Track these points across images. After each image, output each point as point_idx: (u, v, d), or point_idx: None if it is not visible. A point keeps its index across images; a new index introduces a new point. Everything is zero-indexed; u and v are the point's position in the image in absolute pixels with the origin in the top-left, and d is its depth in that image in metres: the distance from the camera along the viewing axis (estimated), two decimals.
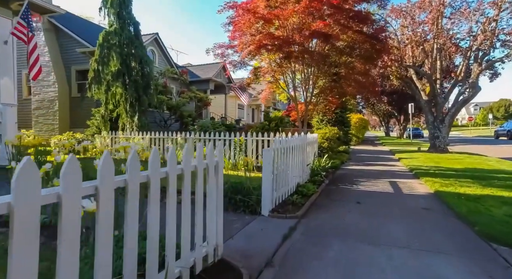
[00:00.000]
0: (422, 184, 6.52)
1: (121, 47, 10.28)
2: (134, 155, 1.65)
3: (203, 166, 2.33)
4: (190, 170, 2.16)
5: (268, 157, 4.00)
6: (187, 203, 2.12)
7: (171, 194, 1.96)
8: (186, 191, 2.12)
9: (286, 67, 8.01)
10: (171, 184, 1.95)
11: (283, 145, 4.67)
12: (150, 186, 1.80)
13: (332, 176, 7.37)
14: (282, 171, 4.61)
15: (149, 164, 1.79)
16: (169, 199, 1.95)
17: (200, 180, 2.29)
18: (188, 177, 2.13)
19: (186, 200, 2.11)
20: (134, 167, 1.63)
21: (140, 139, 9.23)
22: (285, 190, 4.77)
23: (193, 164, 2.23)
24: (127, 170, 1.60)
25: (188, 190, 2.13)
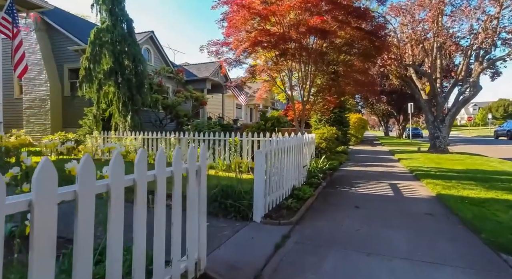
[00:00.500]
0: (423, 186, 6.28)
1: (114, 44, 10.01)
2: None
3: (181, 171, 2.07)
4: (165, 176, 1.90)
5: (260, 160, 3.74)
6: (161, 213, 1.86)
7: (139, 201, 1.69)
8: (159, 199, 1.86)
9: (283, 65, 7.75)
10: (139, 189, 1.69)
11: (277, 147, 4.42)
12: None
13: (330, 178, 7.12)
14: (276, 174, 4.35)
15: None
16: (137, 207, 1.68)
17: (178, 187, 2.03)
18: (162, 184, 1.87)
19: (159, 209, 1.86)
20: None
21: (132, 139, 8.96)
22: (279, 194, 4.52)
23: (169, 169, 1.96)
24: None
25: (162, 198, 1.87)
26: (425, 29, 13.11)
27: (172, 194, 2.00)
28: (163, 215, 1.87)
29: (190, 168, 2.16)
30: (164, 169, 1.89)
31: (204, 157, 2.37)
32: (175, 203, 2.01)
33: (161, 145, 8.81)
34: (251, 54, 7.91)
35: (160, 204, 1.85)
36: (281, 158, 4.60)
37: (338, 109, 14.90)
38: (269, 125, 8.04)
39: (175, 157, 2.02)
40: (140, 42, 15.09)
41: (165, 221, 1.91)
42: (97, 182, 1.42)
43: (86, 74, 9.50)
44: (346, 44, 7.42)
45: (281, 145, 4.62)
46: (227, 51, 8.24)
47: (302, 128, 8.39)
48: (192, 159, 2.19)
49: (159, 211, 1.84)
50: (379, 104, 32.21)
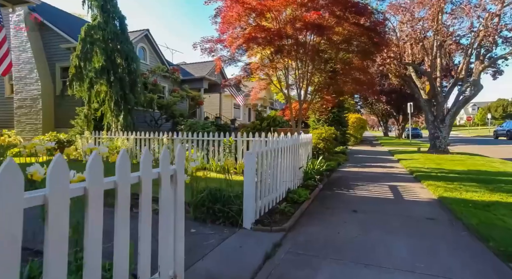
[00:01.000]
0: (424, 188, 6.03)
1: (106, 42, 9.73)
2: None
3: (151, 177, 1.80)
4: (129, 182, 1.63)
5: (251, 162, 3.48)
6: (122, 225, 1.60)
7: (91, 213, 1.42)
8: (120, 210, 1.59)
9: (278, 62, 7.49)
10: (91, 199, 1.42)
11: (269, 147, 4.15)
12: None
13: (327, 180, 6.87)
14: (268, 176, 4.09)
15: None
16: (89, 220, 1.42)
17: (146, 195, 1.76)
18: (125, 191, 1.60)
19: (120, 221, 1.59)
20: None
21: (124, 139, 8.69)
22: (272, 198, 4.26)
23: (135, 174, 1.70)
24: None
25: (125, 209, 1.60)
26: (425, 28, 12.86)
27: (140, 203, 1.73)
28: (123, 233, 1.60)
29: (163, 173, 1.90)
30: (127, 175, 1.62)
31: (181, 159, 2.10)
32: (143, 213, 1.74)
33: (153, 145, 8.55)
34: (247, 51, 7.65)
35: (121, 218, 1.58)
36: (274, 159, 4.34)
37: (336, 109, 14.65)
38: (265, 125, 7.77)
39: (142, 161, 1.75)
40: (135, 41, 14.83)
41: (127, 236, 1.64)
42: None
43: (77, 72, 9.22)
44: (344, 41, 7.15)
45: (274, 146, 4.36)
46: (221, 48, 7.98)
47: (299, 128, 8.13)
48: (165, 162, 1.92)
49: (120, 226, 1.57)
50: (379, 104, 31.99)
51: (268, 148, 4.05)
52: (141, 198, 1.73)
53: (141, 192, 1.72)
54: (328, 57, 7.81)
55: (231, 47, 7.24)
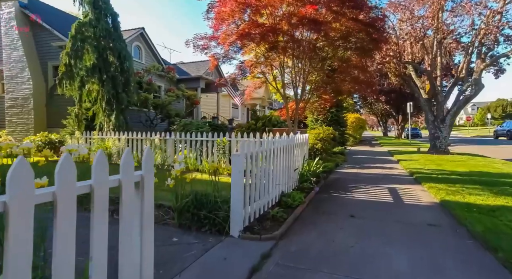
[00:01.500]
0: (425, 191, 5.76)
1: (97, 39, 9.46)
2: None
3: (107, 185, 1.54)
4: (75, 193, 1.36)
5: (238, 165, 3.21)
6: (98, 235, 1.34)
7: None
8: (97, 217, 1.34)
9: (273, 60, 7.22)
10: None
11: (261, 149, 3.89)
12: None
13: (324, 182, 6.61)
14: (259, 180, 3.83)
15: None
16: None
17: (99, 205, 1.50)
18: (67, 203, 1.33)
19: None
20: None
21: (115, 140, 8.43)
22: (264, 202, 3.99)
23: (85, 183, 1.43)
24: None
25: (69, 225, 1.33)
26: (425, 26, 12.60)
27: (91, 219, 1.46)
28: (69, 251, 1.33)
29: (124, 180, 1.63)
30: (72, 184, 1.35)
31: (149, 163, 1.83)
32: (94, 231, 1.46)
33: (145, 146, 8.27)
34: (241, 49, 7.38)
35: (63, 235, 1.31)
36: (266, 161, 4.07)
37: (335, 109, 14.39)
38: (260, 125, 7.51)
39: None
40: (129, 39, 14.57)
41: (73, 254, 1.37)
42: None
43: (67, 70, 8.95)
44: (342, 38, 6.87)
45: (266, 147, 4.10)
46: (215, 46, 7.70)
47: (295, 128, 7.87)
48: (128, 167, 1.65)
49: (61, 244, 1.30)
50: (378, 104, 31.77)
51: (259, 150, 3.79)
52: (92, 213, 1.46)
53: (93, 205, 1.45)
54: (325, 55, 7.53)
55: (225, 44, 6.98)
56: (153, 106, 13.24)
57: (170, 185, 3.44)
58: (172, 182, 3.45)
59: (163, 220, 3.63)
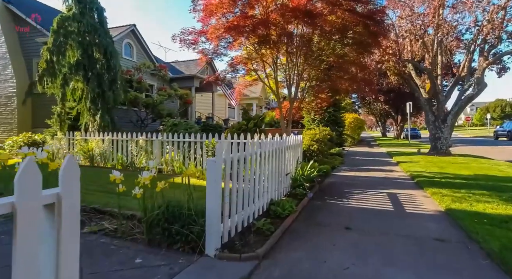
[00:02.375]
0: (428, 197, 5.31)
1: (82, 35, 8.98)
2: None
3: None
4: None
5: (215, 173, 2.74)
6: None
7: None
8: None
9: (266, 56, 6.75)
10: None
11: (246, 152, 3.43)
12: None
13: (319, 186, 6.15)
14: (243, 188, 3.36)
15: None
16: None
17: None
18: None
19: None
20: None
21: (99, 141, 7.94)
22: (248, 213, 3.53)
23: None
24: None
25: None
26: (425, 23, 12.17)
27: None
28: None
29: (21, 204, 1.15)
30: None
31: (73, 176, 1.36)
32: None
33: (131, 148, 7.80)
34: (231, 43, 6.89)
35: None
36: (251, 167, 3.61)
37: (332, 108, 13.95)
38: (251, 125, 7.04)
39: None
40: (120, 36, 14.09)
41: None
42: None
43: (48, 67, 8.46)
44: (338, 31, 6.39)
45: (252, 151, 3.63)
46: (203, 41, 7.23)
47: (289, 128, 7.41)
48: (28, 184, 1.17)
49: None
50: (377, 104, 31.37)
51: (241, 154, 3.32)
52: None
53: None
54: (321, 51, 7.07)
55: (212, 38, 6.51)
56: (144, 106, 12.76)
57: (138, 195, 2.99)
58: (140, 191, 2.99)
59: (131, 235, 3.16)
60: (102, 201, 4.12)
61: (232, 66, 7.79)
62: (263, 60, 6.92)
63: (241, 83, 8.15)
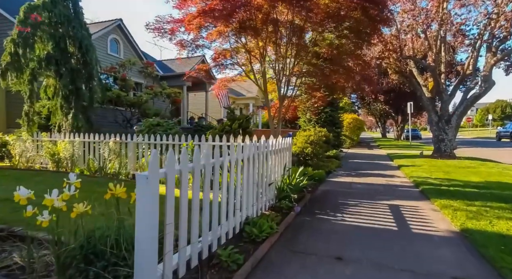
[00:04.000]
0: (437, 211, 4.51)
1: (53, 26, 8.18)
2: None
3: None
4: None
5: (147, 194, 1.92)
6: None
7: None
8: None
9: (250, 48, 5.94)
10: None
11: (204, 162, 2.63)
12: None
13: (311, 196, 5.36)
14: (202, 209, 2.55)
15: None
16: None
17: None
18: None
19: None
20: None
21: (66, 143, 7.13)
22: (209, 241, 2.72)
23: None
24: None
25: None
26: (428, 17, 11.38)
27: None
28: None
29: None
30: None
31: None
32: None
33: (103, 151, 6.99)
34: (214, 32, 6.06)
35: None
36: (215, 179, 2.81)
37: (329, 108, 13.15)
38: (235, 126, 6.24)
39: None
40: (105, 31, 13.31)
41: None
42: None
43: (13, 60, 7.65)
44: (331, 16, 5.55)
45: (217, 160, 2.84)
46: (184, 31, 6.42)
47: (279, 129, 6.61)
48: None
49: None
50: (376, 104, 30.58)
51: (197, 165, 2.51)
52: None
53: None
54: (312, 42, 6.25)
55: (191, 28, 5.71)
56: (128, 105, 11.95)
57: (44, 224, 2.17)
58: (49, 217, 2.18)
59: (44, 276, 2.34)
60: (33, 220, 3.30)
61: (215, 60, 6.98)
62: (249, 51, 6.10)
63: (223, 78, 7.33)
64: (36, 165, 7.38)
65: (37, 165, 7.38)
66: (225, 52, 6.22)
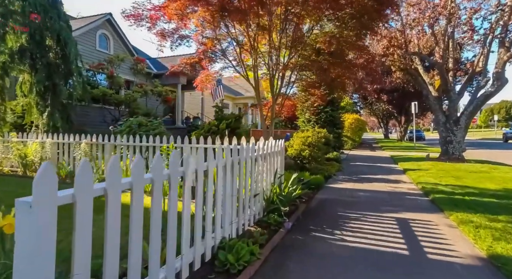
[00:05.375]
0: (455, 228, 3.80)
1: (28, 16, 7.52)
2: None
3: None
4: None
5: (28, 230, 1.22)
6: None
7: None
8: None
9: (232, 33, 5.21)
10: None
11: (157, 174, 1.94)
12: None
13: (306, 206, 4.66)
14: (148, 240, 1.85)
15: None
16: None
17: None
18: None
19: None
20: None
21: (36, 144, 6.46)
22: (165, 276, 2.02)
23: None
24: None
25: None
26: (436, 10, 10.65)
27: None
28: None
29: None
30: None
31: None
32: None
33: (76, 153, 6.31)
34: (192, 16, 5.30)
35: None
36: (172, 198, 2.12)
37: (330, 108, 12.44)
38: (223, 126, 5.55)
39: None
40: (94, 26, 12.66)
41: None
42: None
43: None
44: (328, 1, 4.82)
45: (177, 170, 2.15)
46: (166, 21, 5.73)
47: (271, 129, 5.91)
48: None
49: None
50: (379, 104, 29.80)
51: (135, 181, 1.81)
52: None
53: None
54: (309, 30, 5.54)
55: (171, 14, 5.02)
56: (115, 103, 11.28)
57: None
58: None
59: None
60: None
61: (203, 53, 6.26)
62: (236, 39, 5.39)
63: (205, 70, 6.61)
64: (5, 168, 6.71)
65: (6, 168, 6.71)
66: (207, 42, 5.51)
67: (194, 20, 5.13)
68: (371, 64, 6.56)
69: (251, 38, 5.33)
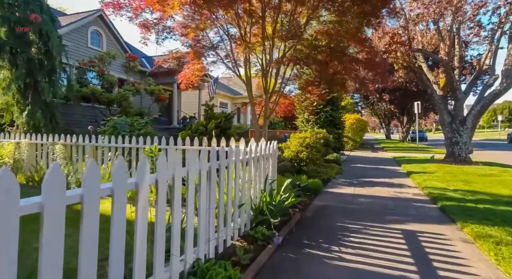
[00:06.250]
0: (470, 243, 3.30)
1: (6, 8, 7.07)
2: None
3: None
4: None
5: None
6: None
7: None
8: None
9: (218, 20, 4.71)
10: None
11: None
12: None
13: (301, 215, 4.17)
14: None
15: None
16: None
17: None
18: None
19: None
20: None
21: (10, 144, 5.99)
22: None
23: None
24: None
25: None
26: (441, 5, 10.13)
27: None
28: None
29: None
30: None
31: None
32: None
33: (54, 155, 5.83)
34: None
35: None
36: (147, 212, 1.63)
37: (330, 107, 11.94)
38: (211, 126, 5.08)
39: None
40: (85, 23, 12.20)
41: None
42: None
43: None
44: None
45: (146, 177, 1.66)
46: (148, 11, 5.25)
47: (265, 129, 5.42)
48: None
49: None
50: (381, 103, 29.25)
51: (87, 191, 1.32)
52: None
53: None
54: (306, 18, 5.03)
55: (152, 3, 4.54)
56: (106, 102, 10.81)
57: None
58: None
59: None
60: None
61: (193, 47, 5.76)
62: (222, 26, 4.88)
63: (190, 63, 6.09)
64: None
65: None
66: (189, 32, 5.00)
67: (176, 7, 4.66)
68: (373, 58, 6.06)
69: (241, 29, 4.84)
